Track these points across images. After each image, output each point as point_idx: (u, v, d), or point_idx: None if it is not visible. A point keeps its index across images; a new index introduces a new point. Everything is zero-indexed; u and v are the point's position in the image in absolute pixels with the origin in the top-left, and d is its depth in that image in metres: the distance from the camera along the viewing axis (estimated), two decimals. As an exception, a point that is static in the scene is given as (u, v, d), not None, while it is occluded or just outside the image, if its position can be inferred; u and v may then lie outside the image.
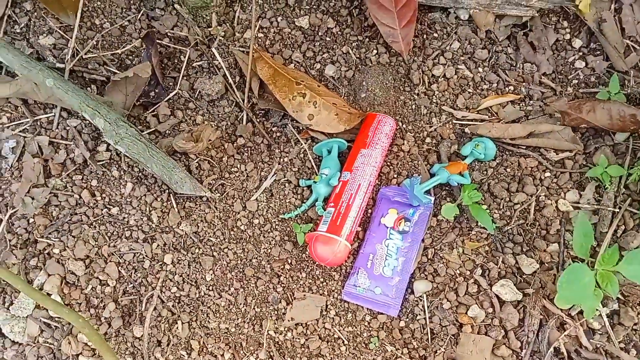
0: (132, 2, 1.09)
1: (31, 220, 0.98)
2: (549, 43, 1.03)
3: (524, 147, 0.97)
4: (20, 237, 0.97)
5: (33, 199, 0.97)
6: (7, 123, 1.02)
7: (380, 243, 0.92)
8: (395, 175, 0.98)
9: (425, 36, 1.04)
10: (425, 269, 0.93)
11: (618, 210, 0.91)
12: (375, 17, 1.00)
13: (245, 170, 1.01)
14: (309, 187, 0.99)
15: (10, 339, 0.96)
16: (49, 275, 0.95)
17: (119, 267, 0.96)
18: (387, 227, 0.93)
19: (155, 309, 0.95)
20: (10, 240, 0.97)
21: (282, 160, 1.01)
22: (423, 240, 0.93)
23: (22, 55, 0.94)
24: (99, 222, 0.98)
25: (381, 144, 0.94)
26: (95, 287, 0.96)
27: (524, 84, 1.01)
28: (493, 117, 1.00)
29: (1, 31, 1.06)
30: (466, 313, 0.89)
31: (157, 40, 1.04)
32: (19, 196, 0.97)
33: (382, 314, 0.92)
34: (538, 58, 1.02)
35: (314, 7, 1.06)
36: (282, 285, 0.96)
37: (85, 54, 1.04)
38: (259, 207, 0.99)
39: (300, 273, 0.96)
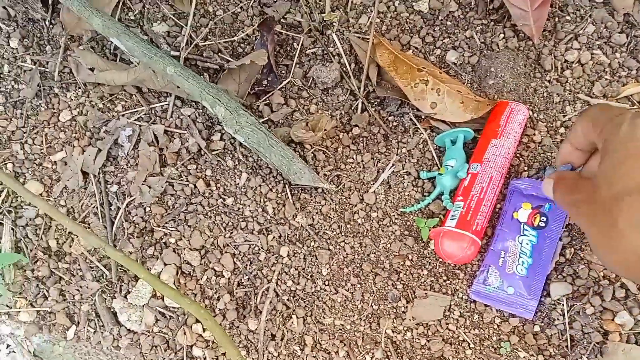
0: (244, -12, 1.06)
1: (148, 209, 0.97)
2: (699, 25, 0.93)
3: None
4: (137, 225, 0.97)
5: (150, 187, 0.96)
6: (122, 111, 1.02)
7: (513, 239, 0.86)
8: (526, 168, 0.91)
9: (556, 19, 0.97)
10: (563, 269, 0.85)
11: None
12: (506, -2, 0.93)
13: (362, 161, 0.96)
14: (430, 179, 0.94)
15: (125, 327, 0.96)
16: (165, 264, 0.94)
17: (234, 259, 0.94)
18: (521, 223, 0.86)
19: (270, 302, 0.92)
20: (127, 229, 0.97)
21: (400, 151, 0.96)
22: (561, 239, 0.86)
23: (143, 42, 0.93)
24: (214, 212, 0.96)
25: (514, 133, 0.88)
26: (210, 277, 0.94)
27: (670, 70, 0.92)
28: (634, 107, 0.91)
29: (116, 18, 1.06)
30: (613, 320, 0.81)
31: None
32: (136, 184, 0.96)
33: (513, 316, 0.86)
34: (687, 41, 0.93)
35: (436, -11, 1.00)
36: (402, 282, 0.91)
37: (201, 41, 1.02)
38: (377, 199, 0.94)
39: (422, 270, 0.91)
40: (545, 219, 0.85)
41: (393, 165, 0.95)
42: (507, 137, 0.87)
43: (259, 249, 0.94)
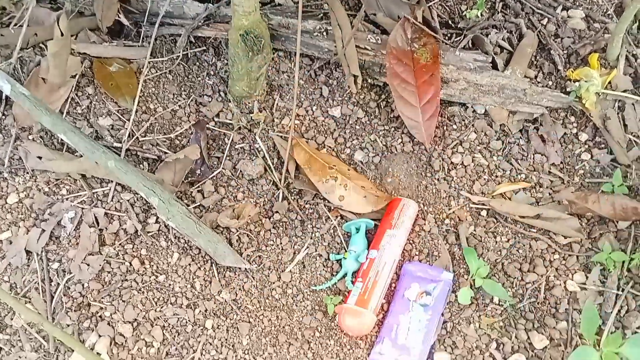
0: (182, 88, 1.22)
1: (85, 285, 1.07)
2: (558, 136, 1.15)
3: (535, 230, 1.06)
4: (75, 300, 1.07)
5: (88, 265, 1.07)
6: (66, 195, 1.14)
7: (403, 314, 1.01)
8: (417, 253, 1.08)
9: (445, 127, 1.16)
10: (444, 341, 1.01)
11: (621, 292, 1.00)
12: (401, 111, 1.12)
13: (281, 243, 1.11)
14: (339, 261, 1.09)
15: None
16: (100, 336, 1.04)
17: (164, 331, 1.05)
18: (410, 300, 1.02)
19: (195, 371, 1.04)
20: (66, 303, 1.06)
21: (314, 235, 1.11)
22: (443, 314, 1.02)
23: (88, 138, 1.06)
24: (147, 288, 1.07)
25: (405, 225, 1.05)
26: (141, 348, 1.05)
27: (534, 172, 1.12)
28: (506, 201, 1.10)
29: (65, 111, 1.19)
30: (484, 385, 0.97)
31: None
32: (76, 263, 1.07)
33: (405, 382, 1.00)
34: (547, 150, 1.13)
35: (346, 99, 1.19)
36: (312, 351, 1.04)
37: (142, 135, 1.16)
38: (293, 278, 1.08)
39: (329, 340, 1.04)
40: (430, 297, 1.02)
41: (307, 247, 1.10)
42: (399, 228, 1.04)
43: (187, 322, 1.06)
